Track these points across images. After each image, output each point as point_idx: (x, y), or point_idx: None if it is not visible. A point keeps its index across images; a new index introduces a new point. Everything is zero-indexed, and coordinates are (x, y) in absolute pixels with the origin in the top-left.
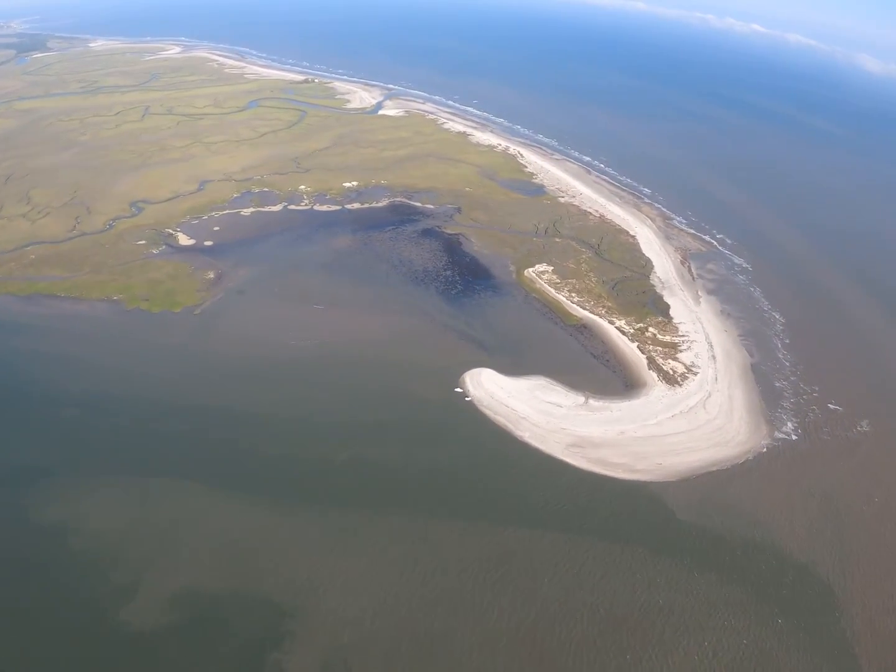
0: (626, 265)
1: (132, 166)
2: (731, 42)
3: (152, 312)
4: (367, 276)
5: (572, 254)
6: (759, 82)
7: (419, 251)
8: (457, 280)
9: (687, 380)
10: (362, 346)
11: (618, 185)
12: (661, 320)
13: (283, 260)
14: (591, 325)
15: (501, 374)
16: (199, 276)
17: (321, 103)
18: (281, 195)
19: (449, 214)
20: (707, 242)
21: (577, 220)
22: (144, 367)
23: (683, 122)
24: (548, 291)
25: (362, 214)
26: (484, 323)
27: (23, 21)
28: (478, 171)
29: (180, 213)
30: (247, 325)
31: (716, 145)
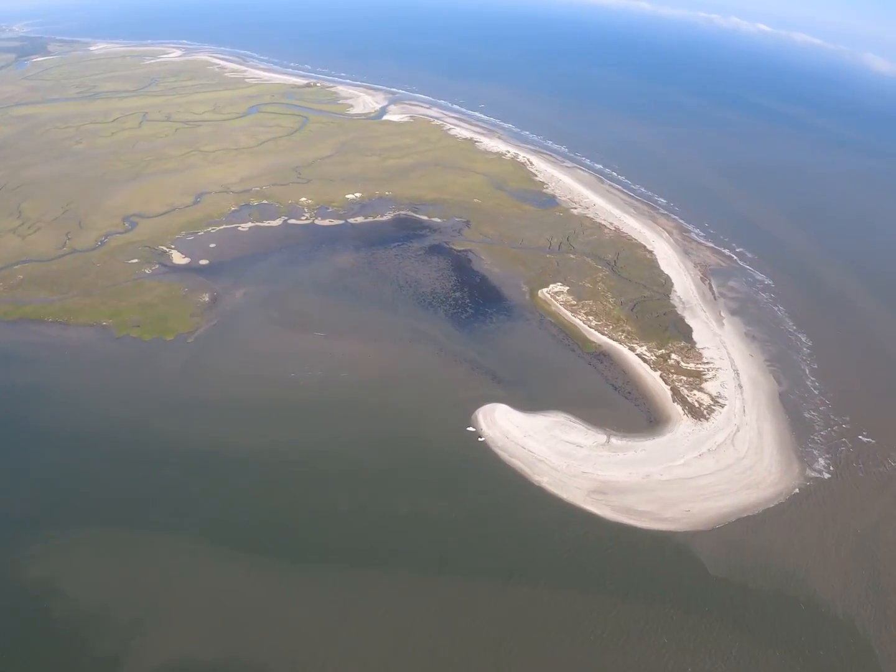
0: (645, 283)
1: (127, 177)
2: (738, 42)
3: (143, 340)
4: (372, 299)
5: (588, 271)
6: (768, 83)
7: (426, 270)
8: (467, 302)
9: (714, 413)
10: (367, 378)
11: (632, 195)
12: (684, 345)
13: (282, 280)
14: (610, 353)
15: (517, 410)
16: (193, 299)
17: (323, 109)
18: (281, 208)
19: (457, 228)
20: (727, 257)
21: (592, 233)
22: (133, 403)
23: (694, 126)
24: (564, 315)
25: (366, 229)
26: (497, 351)
27: (25, 24)
28: (486, 180)
29: (175, 229)
30: (243, 355)
31: (728, 149)
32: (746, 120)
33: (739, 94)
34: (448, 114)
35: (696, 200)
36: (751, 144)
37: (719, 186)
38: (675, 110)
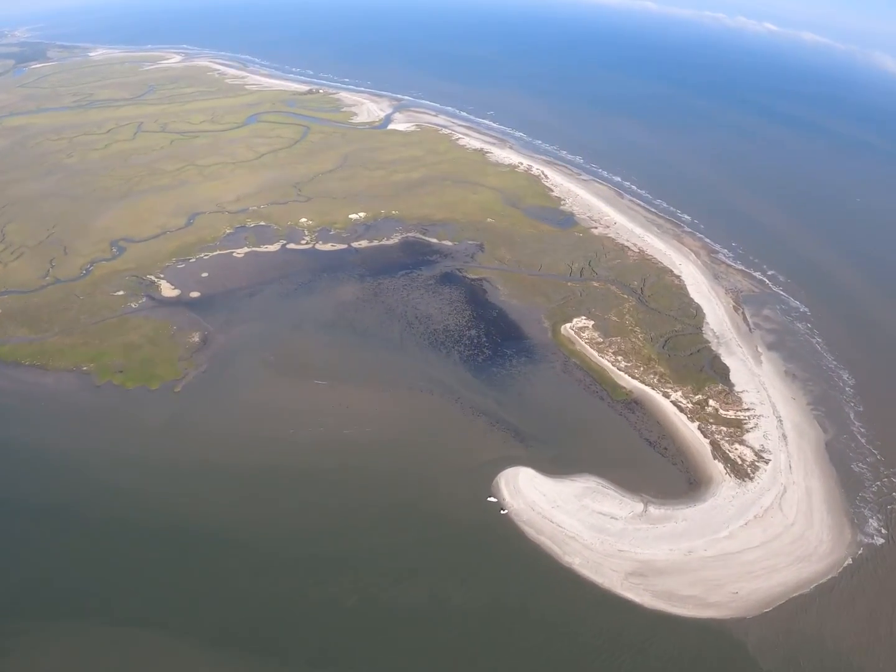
0: (675, 315)
1: (117, 195)
2: (748, 42)
3: (126, 389)
4: (378, 339)
5: (613, 302)
6: (780, 85)
7: (438, 303)
8: (483, 342)
9: (758, 470)
10: (373, 437)
11: (654, 211)
12: (722, 389)
13: (279, 316)
14: (643, 400)
15: (543, 474)
16: (181, 340)
17: (326, 117)
18: (279, 230)
19: (470, 253)
20: (758, 281)
21: (615, 256)
22: (109, 469)
23: (712, 133)
24: (590, 355)
25: (371, 255)
26: (518, 401)
27: (28, 29)
28: (499, 196)
29: (165, 255)
30: (234, 408)
31: (748, 158)
32: (762, 124)
33: (752, 97)
34: (456, 121)
35: (721, 215)
36: (769, 151)
37: (742, 198)
38: (689, 114)
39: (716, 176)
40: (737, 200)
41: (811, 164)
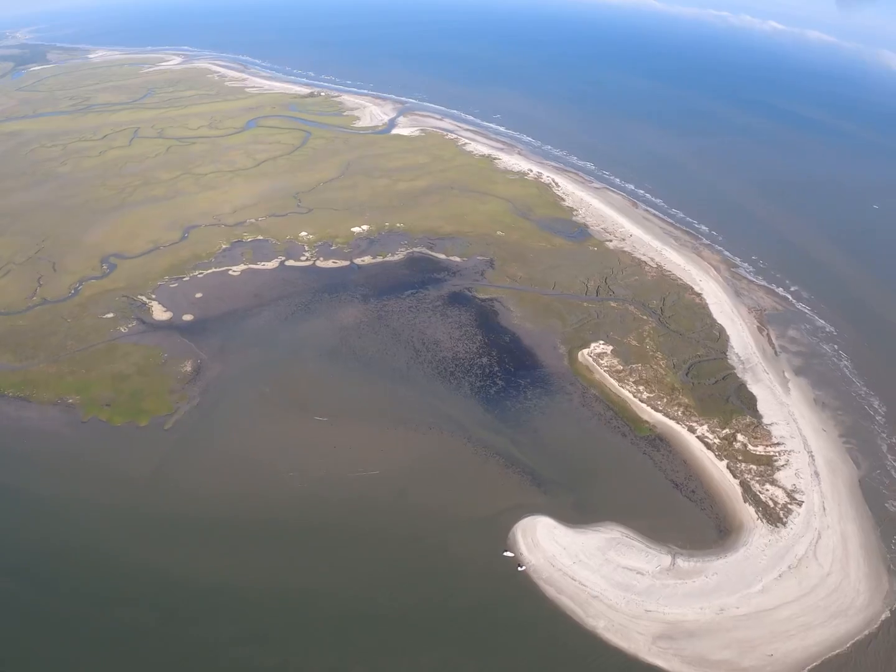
0: (698, 337)
1: (110, 206)
2: (754, 41)
3: (112, 426)
4: (383, 369)
5: (632, 324)
6: (790, 85)
7: (446, 328)
8: (495, 371)
9: (791, 514)
10: (378, 484)
11: (670, 222)
12: (750, 421)
13: (277, 343)
14: (667, 436)
15: (563, 524)
16: (173, 369)
17: (327, 121)
18: (278, 246)
19: (479, 270)
20: (781, 298)
21: (632, 272)
22: (96, 516)
23: (723, 136)
24: (609, 385)
25: (375, 272)
26: (534, 439)
27: (29, 30)
28: (509, 207)
29: (158, 273)
30: (229, 448)
31: (761, 163)
32: (774, 127)
33: (763, 99)
34: (462, 126)
35: (738, 225)
36: (784, 156)
37: (758, 206)
38: (701, 117)
39: (730, 182)
40: (753, 208)
41: (825, 168)
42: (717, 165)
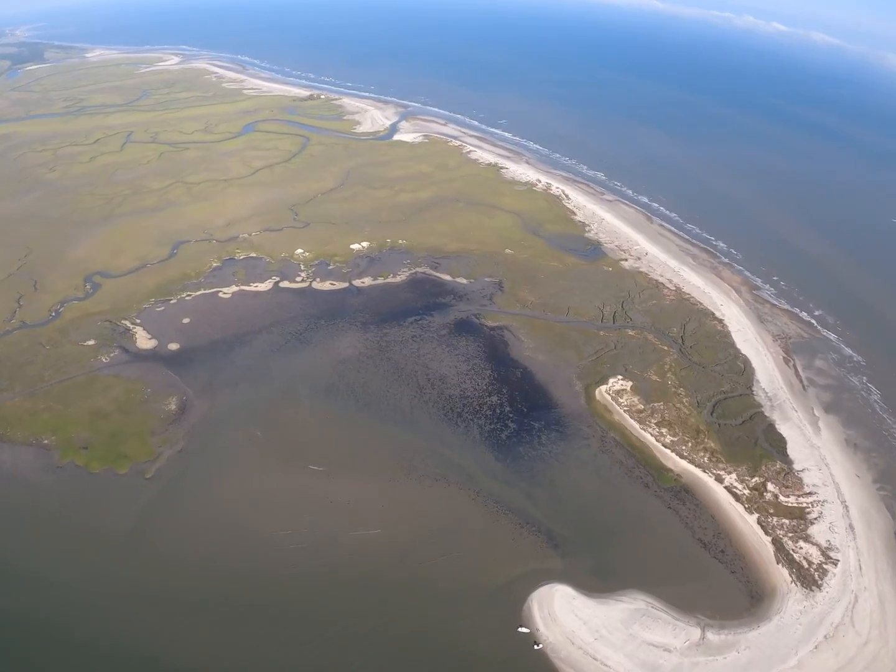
0: (722, 370)
1: (97, 218)
2: (760, 43)
3: (90, 472)
4: (384, 409)
5: (652, 355)
6: (801, 90)
7: (453, 360)
8: (507, 412)
9: (826, 575)
10: (378, 545)
11: (686, 238)
12: (780, 468)
13: (268, 378)
14: (693, 487)
15: (582, 593)
16: (156, 407)
17: (327, 126)
18: (272, 264)
19: (488, 294)
20: (806, 323)
21: (650, 296)
22: (64, 582)
23: (734, 143)
24: (630, 427)
25: (375, 296)
26: (550, 492)
27: (29, 28)
28: (518, 221)
29: (143, 294)
30: (214, 502)
31: (774, 172)
32: (785, 132)
33: (771, 102)
34: (466, 131)
35: (757, 242)
36: (798, 164)
37: (774, 220)
38: (711, 123)
39: (744, 193)
40: (769, 222)
41: (840, 178)
42: (730, 175)
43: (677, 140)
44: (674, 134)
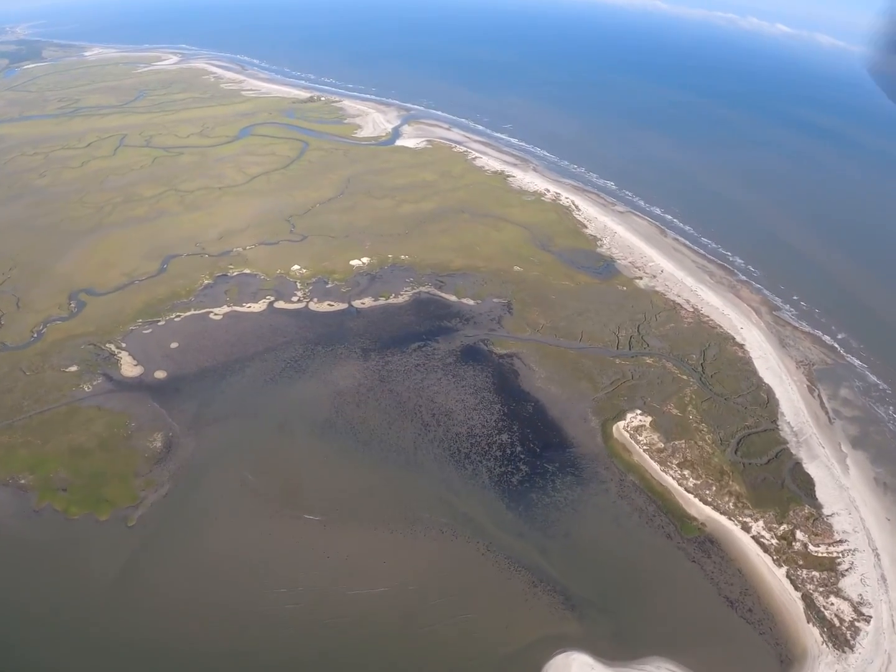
0: (745, 402)
1: (86, 228)
2: (765, 45)
3: (69, 518)
4: (386, 449)
5: (671, 386)
6: (809, 93)
7: (460, 393)
8: (518, 452)
9: (858, 634)
10: (379, 603)
11: (702, 253)
12: (809, 513)
13: (261, 411)
14: (718, 537)
15: (601, 661)
16: (140, 444)
17: (327, 130)
18: (266, 282)
19: (496, 316)
20: (829, 348)
21: (667, 318)
22: (43, 640)
23: (745, 149)
24: (650, 469)
25: (376, 318)
26: (565, 545)
27: (28, 26)
28: (527, 235)
29: (130, 314)
30: (202, 556)
31: (788, 181)
32: (796, 139)
33: (781, 107)
34: (471, 136)
35: (775, 257)
36: (809, 171)
37: (793, 235)
38: (718, 127)
39: (757, 203)
40: (785, 235)
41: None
42: (741, 183)
43: (687, 146)
44: (683, 139)
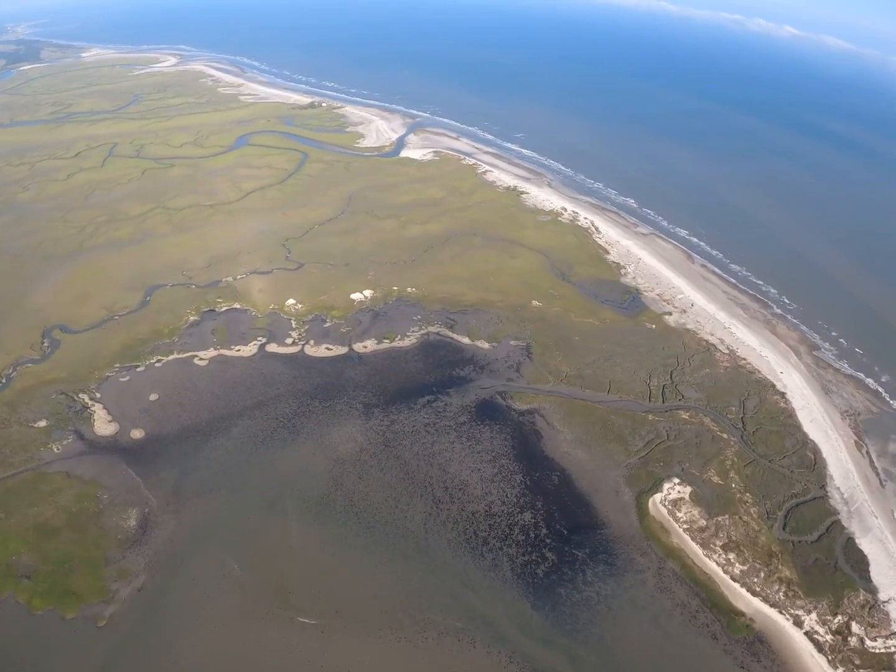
0: (790, 464)
1: (66, 251)
2: (774, 48)
3: (31, 612)
4: (392, 532)
5: (710, 447)
6: (825, 99)
7: (475, 461)
8: (543, 536)
9: None
10: None
11: (732, 283)
12: (864, 600)
13: (249, 484)
14: (768, 635)
15: None
16: (112, 522)
17: (328, 140)
18: (258, 320)
19: (514, 363)
20: (874, 393)
21: (701, 363)
22: None
23: (769, 161)
24: (692, 554)
25: (380, 366)
26: (599, 653)
27: (29, 25)
28: (544, 262)
29: (108, 357)
30: (181, 665)
31: (816, 196)
32: (813, 147)
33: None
34: (481, 147)
35: (809, 285)
36: (834, 185)
37: (825, 257)
38: (736, 136)
39: (785, 222)
40: (818, 258)
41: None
42: (768, 199)
43: (706, 156)
44: (701, 149)
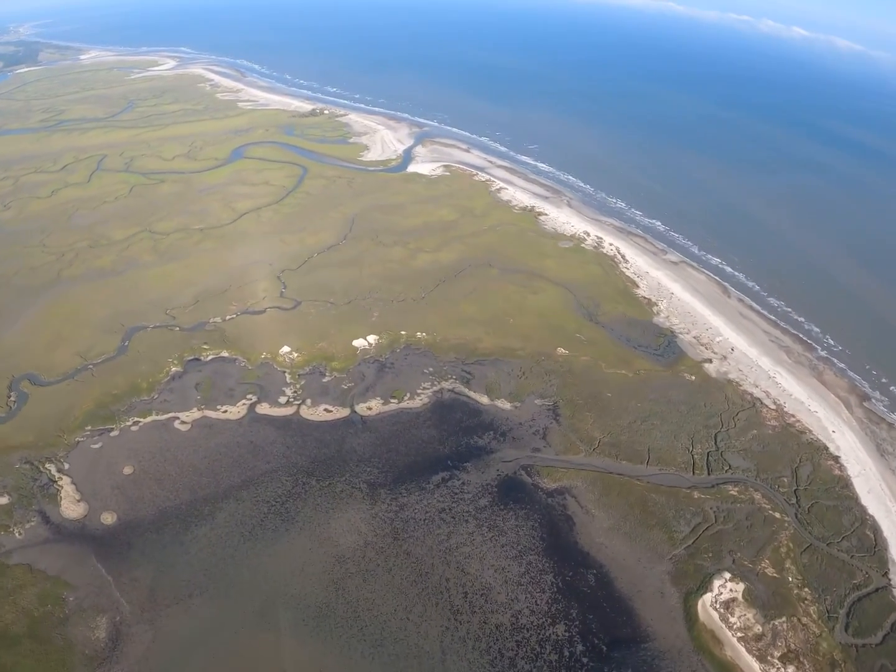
0: (850, 546)
1: (42, 283)
2: (784, 50)
3: None
4: (402, 654)
5: (764, 530)
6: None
7: (498, 558)
8: (579, 654)
9: None
10: None
11: (772, 320)
12: None
13: (235, 589)
14: None
15: None
16: (78, 633)
17: (329, 152)
18: (248, 373)
19: (539, 427)
20: None
21: (747, 422)
22: None
23: (795, 173)
24: (747, 668)
25: (386, 433)
26: None
27: (32, 25)
28: (569, 299)
29: (78, 417)
30: None
31: (850, 213)
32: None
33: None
34: (493, 160)
35: (853, 322)
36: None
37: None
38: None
39: (822, 245)
40: (860, 290)
41: None
42: (798, 218)
43: (730, 170)
44: (723, 160)
